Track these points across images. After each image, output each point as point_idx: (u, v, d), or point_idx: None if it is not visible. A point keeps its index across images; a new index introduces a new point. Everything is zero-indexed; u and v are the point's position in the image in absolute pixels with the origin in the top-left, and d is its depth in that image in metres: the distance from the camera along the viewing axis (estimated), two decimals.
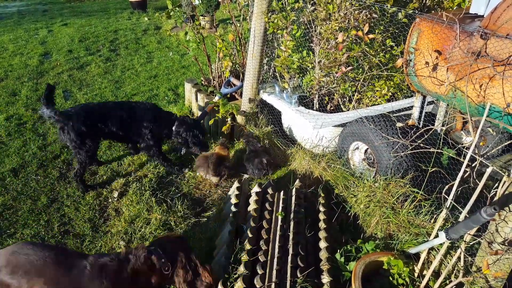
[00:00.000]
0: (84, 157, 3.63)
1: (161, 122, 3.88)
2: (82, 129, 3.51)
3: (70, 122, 3.48)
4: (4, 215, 3.50)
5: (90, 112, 3.60)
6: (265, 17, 3.79)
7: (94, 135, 3.64)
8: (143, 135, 3.81)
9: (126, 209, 3.55)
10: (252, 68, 4.12)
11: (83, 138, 3.55)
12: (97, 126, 3.60)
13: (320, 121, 3.62)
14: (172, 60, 7.49)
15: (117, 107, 3.77)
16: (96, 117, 3.60)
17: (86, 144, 3.58)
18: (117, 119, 3.67)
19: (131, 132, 3.78)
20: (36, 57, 7.29)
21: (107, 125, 3.63)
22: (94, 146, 3.68)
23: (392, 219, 2.74)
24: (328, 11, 3.24)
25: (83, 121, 3.52)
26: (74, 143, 3.55)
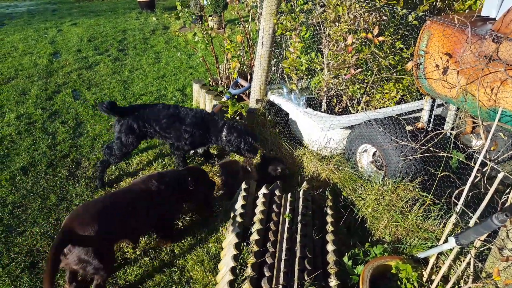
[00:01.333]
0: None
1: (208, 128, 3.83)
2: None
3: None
4: (14, 213, 3.54)
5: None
6: (273, 19, 3.79)
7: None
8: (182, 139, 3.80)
9: None
10: (260, 69, 4.13)
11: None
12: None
13: (328, 123, 3.61)
14: (180, 60, 7.52)
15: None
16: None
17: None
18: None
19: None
20: (45, 57, 7.36)
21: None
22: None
23: (401, 223, 2.72)
24: (337, 13, 3.23)
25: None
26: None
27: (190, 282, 2.85)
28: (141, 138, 3.78)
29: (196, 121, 3.69)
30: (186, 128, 3.69)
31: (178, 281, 2.86)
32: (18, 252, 3.12)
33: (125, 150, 3.74)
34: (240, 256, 2.60)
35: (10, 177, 3.98)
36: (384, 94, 3.85)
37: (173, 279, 2.87)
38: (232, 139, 3.69)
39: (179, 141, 3.77)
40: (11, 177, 3.99)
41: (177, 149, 3.85)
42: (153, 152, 4.43)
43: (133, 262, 3.02)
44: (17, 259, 3.05)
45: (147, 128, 3.70)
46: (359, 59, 3.28)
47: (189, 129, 3.69)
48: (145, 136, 3.80)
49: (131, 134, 3.65)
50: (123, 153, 3.76)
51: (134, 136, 3.67)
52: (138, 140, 3.76)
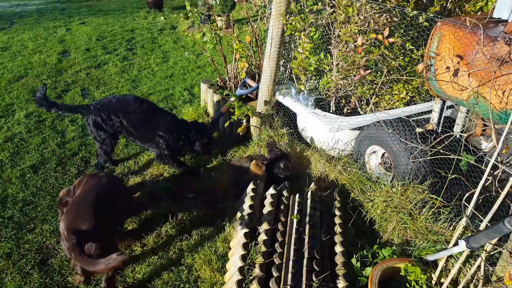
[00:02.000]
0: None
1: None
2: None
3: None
4: (24, 210, 3.57)
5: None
6: (283, 19, 3.79)
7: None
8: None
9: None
10: (268, 69, 4.13)
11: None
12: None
13: (336, 124, 3.61)
14: (187, 60, 7.54)
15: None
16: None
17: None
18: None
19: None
20: (54, 55, 7.41)
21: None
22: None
23: (410, 225, 2.71)
24: (347, 14, 3.22)
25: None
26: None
27: (198, 281, 2.86)
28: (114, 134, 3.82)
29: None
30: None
31: (186, 280, 2.87)
32: (28, 249, 3.15)
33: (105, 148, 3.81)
34: (248, 256, 2.61)
35: (20, 175, 4.02)
36: (393, 95, 3.84)
37: (181, 278, 2.89)
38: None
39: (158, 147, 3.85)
40: (21, 174, 4.03)
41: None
42: None
43: (141, 260, 3.04)
44: (27, 256, 3.08)
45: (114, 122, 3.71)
46: (368, 60, 3.28)
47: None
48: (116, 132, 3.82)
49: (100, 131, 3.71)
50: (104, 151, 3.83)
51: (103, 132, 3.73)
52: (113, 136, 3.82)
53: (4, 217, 3.48)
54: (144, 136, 3.83)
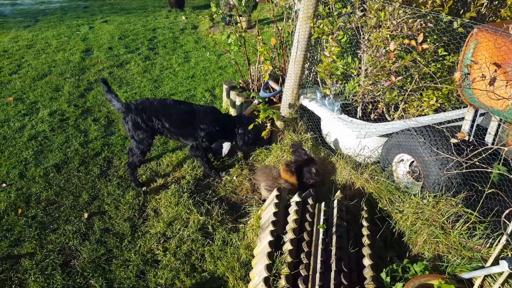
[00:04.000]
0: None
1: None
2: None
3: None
4: (47, 210, 3.59)
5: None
6: (310, 22, 3.71)
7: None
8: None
9: (165, 210, 3.57)
10: (293, 73, 4.05)
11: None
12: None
13: (364, 131, 3.51)
14: (209, 60, 7.52)
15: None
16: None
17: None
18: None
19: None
20: (78, 54, 7.49)
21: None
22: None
23: (442, 240, 2.60)
24: (379, 18, 3.12)
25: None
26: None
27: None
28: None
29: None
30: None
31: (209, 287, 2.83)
32: (51, 250, 3.16)
33: (142, 147, 3.79)
34: (273, 266, 2.55)
35: (44, 174, 4.05)
36: (423, 102, 3.72)
37: (203, 284, 2.84)
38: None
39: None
40: (45, 173, 4.06)
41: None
42: (183, 153, 4.42)
43: (163, 265, 3.01)
44: (50, 257, 3.09)
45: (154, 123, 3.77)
46: (399, 65, 3.17)
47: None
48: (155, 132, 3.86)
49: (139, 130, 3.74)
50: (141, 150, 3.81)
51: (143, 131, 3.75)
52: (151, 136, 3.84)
53: (28, 216, 3.50)
54: (187, 133, 3.89)
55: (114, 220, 3.50)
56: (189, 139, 3.96)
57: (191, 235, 3.27)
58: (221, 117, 4.04)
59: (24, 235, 3.30)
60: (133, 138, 3.78)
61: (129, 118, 3.70)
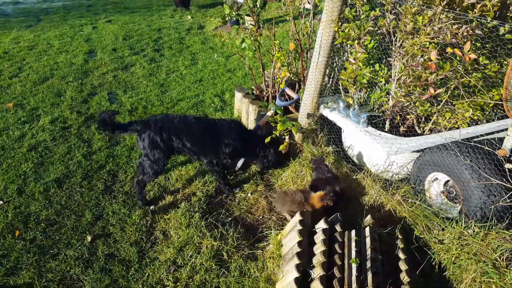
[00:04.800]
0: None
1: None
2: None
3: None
4: (47, 232, 3.29)
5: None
6: (334, 26, 3.38)
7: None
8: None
9: (175, 232, 3.27)
10: (314, 80, 3.73)
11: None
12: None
13: (395, 147, 3.18)
14: (217, 62, 7.19)
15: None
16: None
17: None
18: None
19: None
20: (81, 55, 7.19)
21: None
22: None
23: (496, 281, 2.28)
24: (416, 23, 2.79)
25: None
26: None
27: None
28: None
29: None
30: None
31: None
32: (50, 279, 2.86)
33: (156, 168, 3.47)
34: None
35: (44, 190, 3.75)
36: (457, 114, 3.37)
37: None
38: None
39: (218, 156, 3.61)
40: (45, 189, 3.76)
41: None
42: (193, 167, 4.11)
43: None
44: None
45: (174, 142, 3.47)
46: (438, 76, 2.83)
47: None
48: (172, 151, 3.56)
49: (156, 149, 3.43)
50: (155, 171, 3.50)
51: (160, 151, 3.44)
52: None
53: (26, 239, 3.20)
54: (209, 150, 3.61)
55: (120, 244, 3.19)
56: (209, 156, 3.66)
57: (204, 263, 2.96)
58: (245, 132, 3.76)
59: (22, 262, 3.00)
60: (147, 156, 3.45)
61: (146, 136, 3.38)
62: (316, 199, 3.17)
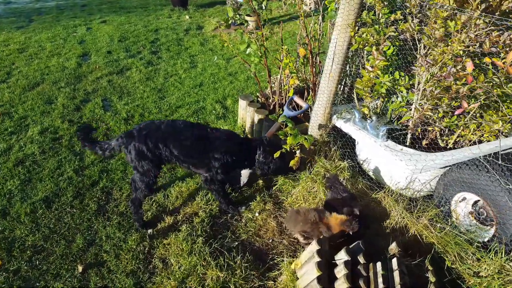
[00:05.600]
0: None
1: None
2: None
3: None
4: (33, 261, 2.96)
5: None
6: (351, 31, 3.06)
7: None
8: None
9: (176, 260, 2.94)
10: (327, 89, 3.41)
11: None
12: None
13: (420, 164, 2.86)
14: (217, 65, 6.85)
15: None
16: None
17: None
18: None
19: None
20: (74, 59, 6.83)
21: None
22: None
23: None
24: (447, 29, 2.47)
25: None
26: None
27: None
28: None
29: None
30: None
31: None
32: None
33: (147, 180, 3.15)
34: None
35: (31, 211, 3.42)
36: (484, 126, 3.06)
37: None
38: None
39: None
40: (32, 210, 3.42)
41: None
42: (195, 182, 3.78)
43: None
44: None
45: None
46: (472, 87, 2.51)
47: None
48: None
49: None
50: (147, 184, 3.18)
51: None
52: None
53: (9, 270, 2.87)
54: (200, 162, 3.29)
55: (115, 274, 2.87)
56: (201, 169, 3.34)
57: None
58: (240, 143, 3.39)
59: None
60: (136, 169, 3.15)
61: (132, 147, 3.08)
62: (335, 223, 2.84)
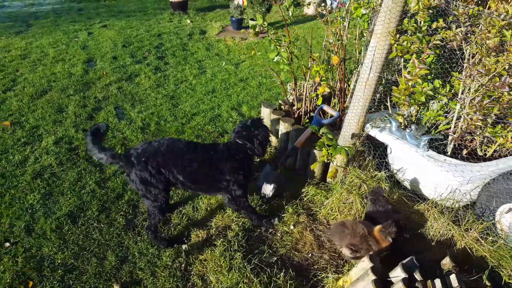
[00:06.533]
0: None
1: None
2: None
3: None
4: (66, 281, 2.81)
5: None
6: (391, 39, 3.00)
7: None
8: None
9: (215, 278, 2.82)
10: (362, 98, 3.33)
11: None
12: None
13: (468, 174, 2.81)
14: (226, 71, 6.75)
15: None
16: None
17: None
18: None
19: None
20: (79, 65, 6.64)
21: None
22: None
23: None
24: (503, 38, 2.43)
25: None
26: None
27: None
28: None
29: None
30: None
31: None
32: None
33: (158, 204, 2.97)
34: None
35: (57, 227, 3.26)
36: None
37: None
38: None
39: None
40: (58, 226, 3.27)
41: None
42: None
43: None
44: None
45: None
46: None
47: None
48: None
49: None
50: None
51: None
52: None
53: None
54: (209, 187, 3.15)
55: None
56: (214, 193, 3.27)
57: None
58: (246, 152, 3.22)
59: None
60: (145, 196, 2.95)
61: (134, 176, 2.86)
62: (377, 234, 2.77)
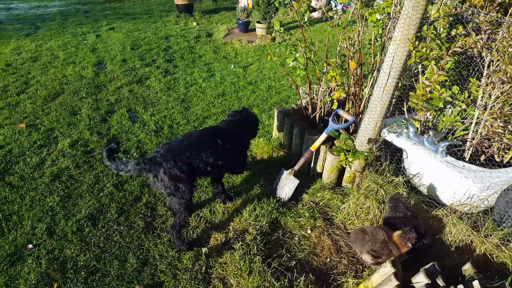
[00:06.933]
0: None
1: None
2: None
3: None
4: (90, 283, 2.84)
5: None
6: (410, 45, 3.04)
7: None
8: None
9: (236, 281, 2.85)
10: (380, 104, 3.37)
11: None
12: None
13: (487, 181, 2.84)
14: (235, 74, 6.79)
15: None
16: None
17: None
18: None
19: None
20: (90, 67, 6.69)
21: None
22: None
23: None
24: None
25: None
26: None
27: None
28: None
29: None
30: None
31: None
32: None
33: (185, 202, 3.01)
34: None
35: (77, 229, 3.29)
36: None
37: None
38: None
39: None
40: (78, 228, 3.30)
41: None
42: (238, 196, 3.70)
43: None
44: None
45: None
46: None
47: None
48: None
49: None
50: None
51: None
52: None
53: None
54: (234, 158, 3.40)
55: None
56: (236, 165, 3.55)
57: None
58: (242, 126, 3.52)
59: None
60: (172, 194, 2.95)
61: (163, 175, 2.86)
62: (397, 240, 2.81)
